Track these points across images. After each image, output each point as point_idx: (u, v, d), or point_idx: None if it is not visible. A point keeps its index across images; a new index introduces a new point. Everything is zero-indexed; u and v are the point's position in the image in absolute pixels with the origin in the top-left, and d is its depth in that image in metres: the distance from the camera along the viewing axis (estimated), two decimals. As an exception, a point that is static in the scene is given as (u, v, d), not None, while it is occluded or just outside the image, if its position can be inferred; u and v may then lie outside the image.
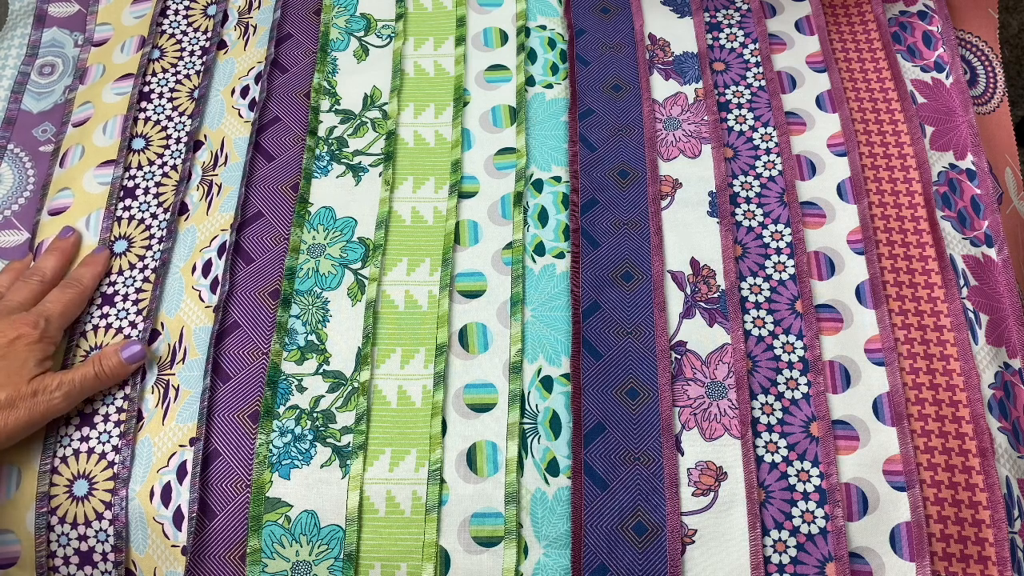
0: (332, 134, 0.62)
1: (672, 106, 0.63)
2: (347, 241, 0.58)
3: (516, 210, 0.58)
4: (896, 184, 0.59)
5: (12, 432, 0.48)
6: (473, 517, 0.49)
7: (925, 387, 0.52)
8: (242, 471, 0.50)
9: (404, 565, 0.48)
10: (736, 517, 0.49)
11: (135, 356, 0.52)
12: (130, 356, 0.52)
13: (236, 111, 0.63)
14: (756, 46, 0.65)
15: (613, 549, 0.49)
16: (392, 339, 0.54)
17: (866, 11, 0.67)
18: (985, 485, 0.50)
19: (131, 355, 0.52)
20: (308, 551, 0.48)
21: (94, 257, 0.57)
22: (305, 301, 0.55)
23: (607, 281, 0.56)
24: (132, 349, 0.52)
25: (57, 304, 0.53)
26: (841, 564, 0.48)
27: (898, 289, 0.55)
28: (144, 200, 0.61)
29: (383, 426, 0.51)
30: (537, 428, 0.51)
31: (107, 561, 0.50)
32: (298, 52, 0.66)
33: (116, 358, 0.52)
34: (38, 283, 0.55)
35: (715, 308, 0.55)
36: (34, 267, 0.56)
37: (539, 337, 0.54)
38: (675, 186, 0.60)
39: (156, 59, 0.67)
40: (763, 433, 0.51)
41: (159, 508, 0.50)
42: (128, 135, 0.63)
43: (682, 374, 0.53)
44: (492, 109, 0.62)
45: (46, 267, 0.56)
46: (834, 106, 0.62)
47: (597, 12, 0.68)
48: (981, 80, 0.66)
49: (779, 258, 0.57)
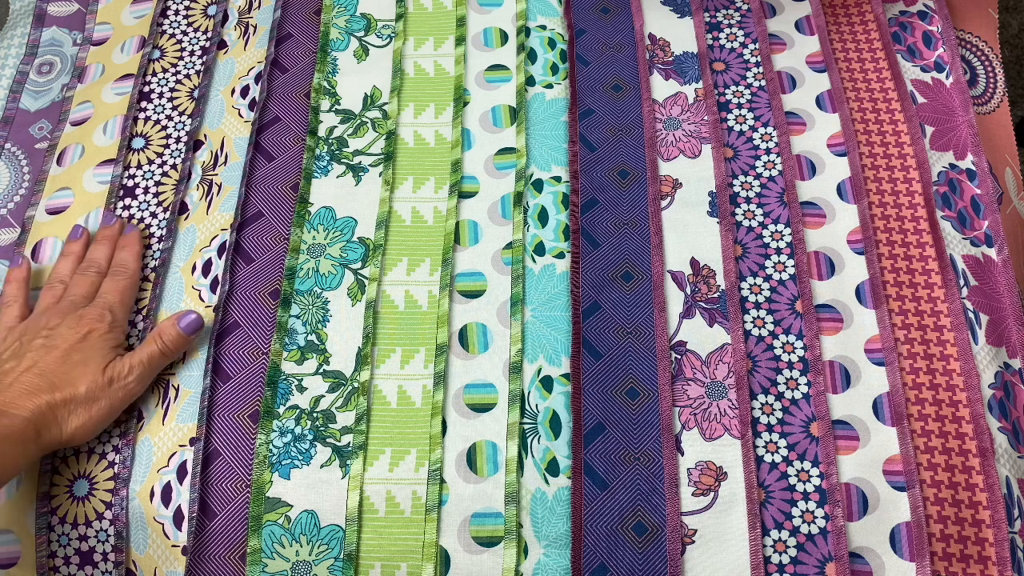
0: (332, 134, 0.62)
1: (672, 106, 0.63)
2: (347, 241, 0.58)
3: (516, 210, 0.58)
4: (896, 184, 0.59)
5: (97, 423, 0.49)
6: (473, 517, 0.49)
7: (925, 387, 0.52)
8: (242, 471, 0.50)
9: (404, 565, 0.48)
10: (736, 517, 0.49)
11: (192, 325, 0.52)
12: (187, 325, 0.52)
13: (236, 111, 0.63)
14: (756, 46, 0.65)
15: (613, 549, 0.49)
16: (392, 339, 0.54)
17: (866, 11, 0.67)
18: (985, 485, 0.50)
19: (188, 324, 0.52)
20: (308, 551, 0.48)
21: (127, 238, 0.58)
22: (305, 301, 0.55)
23: (607, 281, 0.56)
24: (188, 318, 0.52)
25: (115, 293, 0.54)
26: (841, 564, 0.48)
27: (898, 289, 0.55)
28: (144, 199, 0.61)
29: (383, 426, 0.51)
30: (537, 428, 0.51)
31: (107, 561, 0.50)
32: (298, 52, 0.66)
33: (175, 330, 0.52)
34: (95, 274, 0.55)
35: (715, 308, 0.55)
36: (88, 259, 0.56)
37: (539, 337, 0.54)
38: (675, 186, 0.60)
39: (156, 59, 0.67)
40: (763, 433, 0.51)
41: (159, 508, 0.50)
42: (128, 135, 0.63)
43: (682, 374, 0.53)
44: (492, 109, 0.62)
45: (100, 257, 0.56)
46: (834, 106, 0.62)
47: (597, 12, 0.68)
48: (981, 80, 0.66)
49: (779, 258, 0.57)
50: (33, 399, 0.47)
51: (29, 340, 0.50)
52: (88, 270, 0.56)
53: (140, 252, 0.57)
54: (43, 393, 0.48)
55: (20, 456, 0.46)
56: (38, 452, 0.47)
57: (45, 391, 0.48)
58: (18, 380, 0.48)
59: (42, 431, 0.47)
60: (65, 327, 0.51)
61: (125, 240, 0.57)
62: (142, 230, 0.59)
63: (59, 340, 0.50)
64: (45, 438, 0.47)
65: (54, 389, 0.48)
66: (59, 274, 0.56)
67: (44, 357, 0.49)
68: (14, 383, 0.48)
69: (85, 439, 0.50)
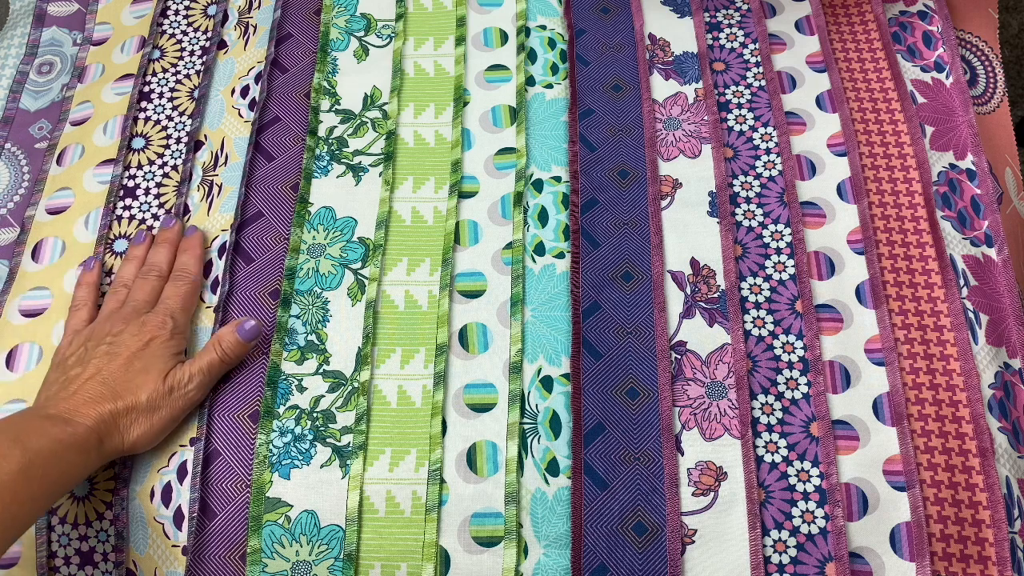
0: (332, 134, 0.62)
1: (672, 106, 0.63)
2: (347, 241, 0.58)
3: (516, 210, 0.58)
4: (896, 184, 0.59)
5: (158, 432, 0.50)
6: (473, 517, 0.49)
7: (925, 387, 0.52)
8: (242, 471, 0.50)
9: (404, 565, 0.48)
10: (736, 517, 0.49)
11: (251, 332, 0.52)
12: (246, 334, 0.52)
13: (236, 111, 0.63)
14: (756, 46, 0.65)
15: (613, 549, 0.49)
16: (392, 339, 0.54)
17: (866, 11, 0.67)
18: (985, 485, 0.50)
19: (247, 332, 0.52)
20: (308, 551, 0.48)
21: (189, 241, 0.57)
22: (305, 301, 0.55)
23: (607, 281, 0.56)
24: (248, 326, 0.52)
25: (176, 299, 0.54)
26: (841, 564, 0.48)
27: (898, 289, 0.55)
28: (144, 200, 0.61)
29: (383, 426, 0.51)
30: (537, 428, 0.51)
31: (107, 561, 0.50)
32: (298, 52, 0.66)
33: (233, 337, 0.52)
34: (156, 278, 0.55)
35: (715, 308, 0.55)
36: (149, 263, 0.56)
37: (539, 337, 0.54)
38: (675, 186, 0.60)
39: (156, 59, 0.67)
40: (763, 433, 0.51)
41: (160, 508, 0.50)
42: (128, 135, 0.63)
43: (682, 374, 0.53)
44: (492, 109, 0.62)
45: (162, 261, 0.56)
46: (834, 106, 0.62)
47: (597, 12, 0.68)
48: (981, 80, 0.66)
49: (779, 258, 0.57)
50: (96, 407, 0.47)
51: (94, 346, 0.50)
52: (149, 274, 0.55)
53: (202, 256, 0.57)
54: (106, 402, 0.48)
55: (83, 465, 0.45)
56: (99, 461, 0.47)
57: (108, 399, 0.48)
58: (82, 388, 0.48)
59: (104, 439, 0.47)
60: (128, 334, 0.51)
61: (187, 243, 0.57)
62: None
63: (122, 347, 0.50)
64: (107, 446, 0.47)
65: (117, 398, 0.48)
66: (123, 278, 0.56)
67: (108, 364, 0.49)
68: (78, 391, 0.48)
69: (145, 448, 0.50)
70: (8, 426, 0.44)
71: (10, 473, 0.42)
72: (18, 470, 0.42)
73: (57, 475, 0.44)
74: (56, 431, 0.45)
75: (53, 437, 0.44)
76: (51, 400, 0.48)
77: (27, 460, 0.42)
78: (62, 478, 0.44)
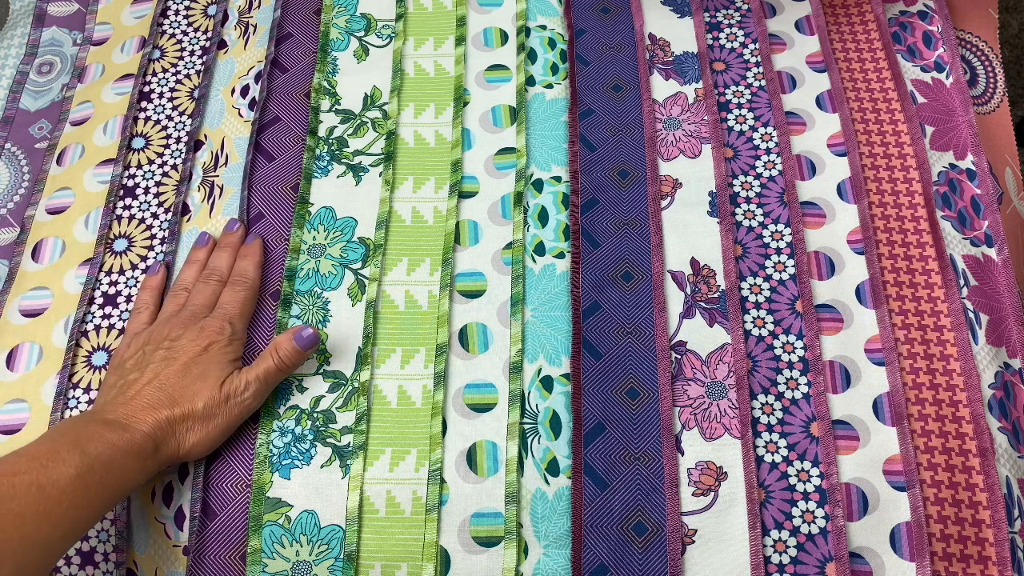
0: (332, 134, 0.62)
1: (672, 106, 0.63)
2: (347, 241, 0.58)
3: (516, 210, 0.58)
4: (896, 184, 0.59)
5: (214, 440, 0.49)
6: (473, 517, 0.49)
7: (925, 387, 0.52)
8: (242, 471, 0.50)
9: (404, 565, 0.48)
10: (736, 517, 0.49)
11: (309, 340, 0.51)
12: (304, 342, 0.51)
13: (236, 111, 0.63)
14: (756, 46, 0.65)
15: (613, 549, 0.49)
16: (392, 339, 0.54)
17: (866, 11, 0.67)
18: (985, 485, 0.50)
19: (305, 339, 0.51)
20: (308, 551, 0.48)
21: (249, 248, 0.57)
22: (305, 301, 0.55)
23: (607, 281, 0.56)
24: (305, 333, 0.51)
25: (235, 305, 0.53)
26: (841, 564, 0.48)
27: (898, 289, 0.56)
28: (144, 200, 0.61)
29: (383, 426, 0.51)
30: (537, 428, 0.51)
31: (108, 561, 0.50)
32: (298, 52, 0.66)
33: (290, 344, 0.51)
34: (216, 283, 0.55)
35: (715, 308, 0.55)
36: (210, 267, 0.56)
37: (539, 337, 0.54)
38: (675, 186, 0.60)
39: (156, 59, 0.67)
40: (763, 433, 0.51)
41: (161, 508, 0.50)
42: (128, 134, 0.63)
43: (682, 374, 0.53)
44: (492, 109, 0.62)
45: (222, 265, 0.56)
46: (834, 106, 0.62)
47: (597, 12, 0.68)
48: (981, 80, 0.66)
49: (779, 258, 0.57)
50: (153, 413, 0.47)
51: (152, 350, 0.50)
52: (210, 278, 0.55)
53: (261, 262, 0.56)
54: (163, 408, 0.47)
55: (139, 471, 0.45)
56: (155, 467, 0.47)
57: (165, 406, 0.47)
58: (140, 393, 0.48)
59: (160, 446, 0.47)
60: (186, 339, 0.50)
61: (247, 249, 0.57)
62: (143, 231, 0.59)
63: (180, 353, 0.50)
64: (163, 453, 0.47)
65: (174, 404, 0.48)
66: (183, 282, 0.56)
67: (165, 370, 0.49)
68: (136, 396, 0.48)
69: (201, 455, 0.49)
70: (67, 430, 0.44)
71: (69, 478, 0.41)
72: (76, 475, 0.41)
73: (114, 481, 0.43)
74: (114, 437, 0.44)
75: (111, 443, 0.44)
76: (109, 405, 0.48)
77: (86, 466, 0.42)
78: (118, 484, 0.44)
